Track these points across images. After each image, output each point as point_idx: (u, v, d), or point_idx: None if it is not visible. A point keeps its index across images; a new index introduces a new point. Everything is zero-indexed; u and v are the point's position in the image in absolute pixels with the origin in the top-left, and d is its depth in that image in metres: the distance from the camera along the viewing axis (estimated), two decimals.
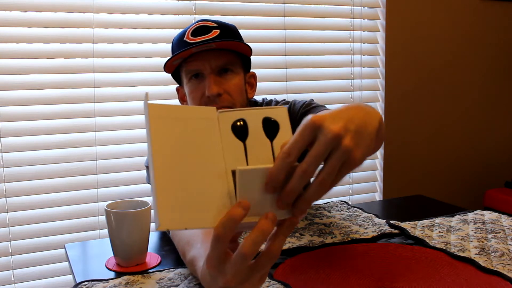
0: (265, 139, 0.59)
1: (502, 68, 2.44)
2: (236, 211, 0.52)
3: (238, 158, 0.58)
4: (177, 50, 1.09)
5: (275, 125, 0.60)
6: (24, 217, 1.61)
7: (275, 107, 0.61)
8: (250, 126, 0.60)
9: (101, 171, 1.70)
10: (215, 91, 1.06)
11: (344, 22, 2.07)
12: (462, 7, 2.29)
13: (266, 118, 0.60)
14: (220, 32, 1.08)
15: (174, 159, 0.54)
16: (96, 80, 1.66)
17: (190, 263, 0.76)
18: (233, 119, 0.59)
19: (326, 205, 1.23)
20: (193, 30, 1.09)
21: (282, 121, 0.60)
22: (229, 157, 0.58)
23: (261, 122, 0.60)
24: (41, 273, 1.65)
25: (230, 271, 0.54)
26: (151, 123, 0.54)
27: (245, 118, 0.60)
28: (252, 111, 0.60)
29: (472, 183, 2.44)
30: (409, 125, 2.25)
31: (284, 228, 0.55)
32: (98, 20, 1.65)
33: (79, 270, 0.89)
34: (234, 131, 0.59)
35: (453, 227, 1.03)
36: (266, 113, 0.60)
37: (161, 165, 0.53)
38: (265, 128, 0.60)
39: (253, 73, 1.23)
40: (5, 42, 1.54)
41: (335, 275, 0.79)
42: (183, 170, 0.55)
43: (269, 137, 0.59)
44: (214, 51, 1.08)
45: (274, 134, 0.60)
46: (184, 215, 0.53)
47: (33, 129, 1.60)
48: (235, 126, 0.59)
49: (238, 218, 0.52)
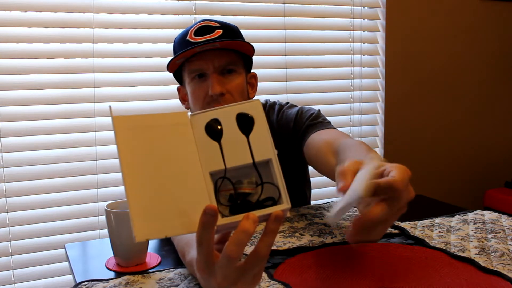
0: (241, 135, 0.59)
1: (502, 68, 2.44)
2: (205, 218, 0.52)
3: (215, 159, 0.58)
4: (180, 50, 1.09)
5: (250, 120, 0.59)
6: (24, 217, 1.61)
7: (248, 101, 0.60)
8: (224, 125, 0.59)
9: (101, 171, 1.69)
10: (218, 91, 1.06)
11: (344, 22, 2.07)
12: (462, 7, 2.29)
13: (240, 114, 0.59)
14: (223, 32, 1.08)
15: (146, 169, 0.54)
16: (96, 80, 1.66)
17: (189, 264, 0.76)
18: (206, 120, 0.59)
19: (326, 205, 1.23)
20: (196, 30, 1.09)
21: (257, 115, 0.59)
22: (205, 159, 0.57)
23: (235, 119, 0.59)
24: (41, 273, 1.65)
25: (219, 273, 0.54)
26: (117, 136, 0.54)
27: (218, 118, 0.59)
28: (224, 109, 0.60)
29: (472, 183, 2.44)
30: (409, 125, 2.25)
31: (270, 224, 0.54)
32: (98, 20, 1.65)
33: (79, 270, 0.89)
34: (207, 132, 0.59)
35: (453, 227, 1.02)
36: (239, 109, 0.60)
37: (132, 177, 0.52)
38: (240, 125, 0.59)
39: (254, 73, 1.23)
40: (5, 42, 1.54)
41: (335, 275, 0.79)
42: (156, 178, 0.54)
43: (245, 133, 0.59)
44: (217, 51, 1.08)
45: (249, 129, 0.59)
46: (162, 223, 0.52)
47: (33, 129, 1.60)
48: (208, 127, 0.59)
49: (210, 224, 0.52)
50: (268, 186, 0.58)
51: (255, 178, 0.59)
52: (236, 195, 0.58)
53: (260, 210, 0.56)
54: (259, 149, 0.58)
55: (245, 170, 0.58)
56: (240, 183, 0.58)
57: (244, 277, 0.55)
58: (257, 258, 0.54)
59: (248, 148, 0.58)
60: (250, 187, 0.58)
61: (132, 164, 0.53)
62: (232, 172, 0.58)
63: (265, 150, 0.58)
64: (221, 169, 0.58)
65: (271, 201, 0.58)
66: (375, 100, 2.18)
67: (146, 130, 0.56)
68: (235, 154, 0.58)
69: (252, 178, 0.59)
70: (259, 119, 0.59)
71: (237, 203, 0.57)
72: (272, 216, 0.54)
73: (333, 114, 2.06)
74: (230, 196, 0.58)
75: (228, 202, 0.58)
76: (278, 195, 0.58)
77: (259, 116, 0.59)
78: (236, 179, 0.58)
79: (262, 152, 0.58)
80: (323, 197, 2.01)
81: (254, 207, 0.57)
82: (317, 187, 1.98)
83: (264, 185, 0.58)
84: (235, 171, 0.58)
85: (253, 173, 0.59)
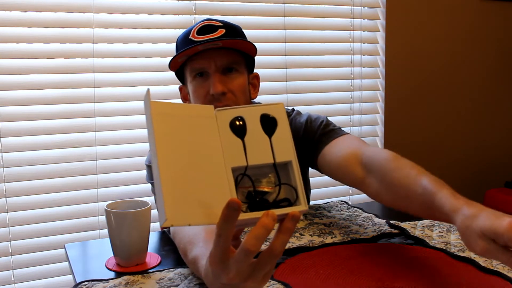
0: (264, 135, 0.60)
1: (502, 67, 2.44)
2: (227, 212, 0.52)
3: (237, 156, 0.59)
4: (182, 48, 1.09)
5: (273, 121, 0.60)
6: (24, 217, 1.61)
7: (272, 104, 0.61)
8: (248, 123, 0.60)
9: (101, 171, 1.69)
10: (220, 90, 1.06)
11: (344, 22, 2.07)
12: (462, 7, 2.29)
13: (264, 114, 0.60)
14: (225, 31, 1.08)
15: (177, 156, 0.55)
16: (96, 80, 1.66)
17: (192, 262, 0.75)
18: (231, 117, 0.60)
19: (326, 205, 1.23)
20: (199, 29, 1.09)
21: (280, 117, 0.61)
22: (228, 154, 0.58)
23: (259, 119, 0.60)
24: (41, 273, 1.65)
25: (233, 267, 0.55)
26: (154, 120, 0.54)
27: (243, 116, 0.60)
28: (249, 108, 0.61)
29: (472, 183, 2.44)
30: (409, 125, 2.25)
31: (287, 223, 0.55)
32: (98, 20, 1.65)
33: (79, 270, 0.89)
34: (232, 129, 0.59)
35: (453, 227, 1.02)
36: (263, 110, 0.61)
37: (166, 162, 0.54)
38: (263, 125, 0.60)
39: (257, 74, 1.23)
40: (5, 42, 1.54)
41: (335, 275, 0.79)
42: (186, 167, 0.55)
43: (268, 133, 0.60)
44: (220, 50, 1.08)
45: (272, 130, 0.60)
46: (187, 211, 0.53)
47: (33, 129, 1.60)
48: (233, 124, 0.60)
49: (232, 217, 0.53)
50: (286, 188, 0.59)
51: (274, 178, 0.60)
52: (254, 192, 0.59)
53: (278, 209, 0.57)
54: (280, 150, 0.60)
55: (265, 169, 0.60)
56: (259, 181, 0.59)
57: (255, 274, 0.56)
58: (270, 255, 0.55)
59: (270, 148, 0.59)
60: (269, 186, 0.59)
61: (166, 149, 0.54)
62: (252, 170, 0.59)
63: (286, 152, 0.60)
64: (243, 165, 0.59)
65: (286, 202, 0.59)
66: (375, 100, 2.18)
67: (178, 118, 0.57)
68: (257, 153, 0.59)
69: (271, 178, 0.60)
70: (282, 121, 0.61)
71: (255, 201, 0.58)
72: (290, 215, 0.55)
73: (333, 114, 2.06)
74: (249, 193, 0.59)
75: (245, 199, 0.59)
76: (295, 197, 0.59)
77: (282, 118, 0.61)
78: (255, 177, 0.59)
79: (283, 154, 0.60)
80: (323, 197, 2.01)
81: (271, 206, 0.58)
82: (317, 187, 1.98)
83: (282, 186, 0.59)
84: (255, 169, 0.59)
85: (272, 173, 0.60)
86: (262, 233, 0.53)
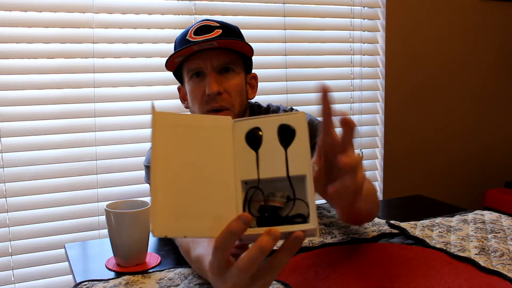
0: (279, 147, 0.57)
1: (502, 67, 2.44)
2: (236, 225, 0.51)
3: (249, 168, 0.57)
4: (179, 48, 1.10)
5: (291, 132, 0.58)
6: (24, 217, 1.61)
7: (293, 113, 0.59)
8: (265, 134, 0.58)
9: (101, 171, 1.70)
10: (216, 90, 1.06)
11: (344, 22, 2.07)
12: (462, 7, 2.29)
13: (282, 125, 0.58)
14: (222, 32, 1.09)
15: (177, 167, 0.54)
16: (96, 80, 1.66)
17: (195, 261, 0.75)
18: (248, 128, 0.58)
19: (326, 205, 1.23)
20: (196, 29, 1.10)
21: (300, 128, 0.58)
22: (239, 167, 0.57)
23: (277, 130, 0.58)
24: (41, 273, 1.65)
25: (230, 280, 0.54)
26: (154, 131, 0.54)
27: (260, 126, 0.58)
28: (268, 118, 0.59)
29: (472, 183, 2.44)
30: (409, 125, 2.25)
31: (288, 243, 0.53)
32: (98, 20, 1.65)
33: (79, 270, 0.89)
34: (247, 140, 0.58)
35: (453, 227, 1.02)
36: (282, 120, 0.58)
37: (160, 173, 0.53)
38: (281, 136, 0.58)
39: (255, 74, 1.23)
40: (5, 42, 1.54)
41: (335, 275, 0.79)
42: (186, 178, 0.54)
43: (284, 144, 0.58)
44: (216, 50, 1.08)
45: (289, 142, 0.58)
46: (183, 223, 0.52)
47: (33, 129, 1.60)
48: (249, 135, 0.58)
49: (238, 231, 0.51)
50: (300, 203, 0.57)
51: (288, 192, 0.57)
52: (266, 207, 0.57)
53: (286, 226, 0.55)
54: (296, 163, 0.57)
55: (279, 183, 0.57)
56: (273, 195, 0.57)
57: (254, 285, 0.55)
58: (269, 270, 0.54)
59: (285, 160, 0.57)
60: (281, 201, 0.57)
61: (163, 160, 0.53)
62: (266, 183, 0.57)
63: (302, 165, 0.57)
64: (254, 178, 0.57)
65: (301, 218, 0.56)
66: (375, 100, 2.18)
67: (185, 129, 0.56)
68: (270, 166, 0.57)
69: (285, 192, 0.57)
70: (301, 132, 0.58)
71: (265, 216, 0.56)
72: (292, 236, 0.53)
73: None
74: (261, 207, 0.57)
75: (257, 212, 0.57)
76: (308, 213, 0.56)
77: (301, 129, 0.58)
78: (269, 191, 0.57)
79: (298, 167, 0.57)
80: None
81: (283, 221, 0.56)
82: None
83: (296, 201, 0.57)
84: (269, 182, 0.57)
85: (287, 186, 0.57)
86: (257, 256, 0.51)
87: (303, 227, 0.54)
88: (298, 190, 0.57)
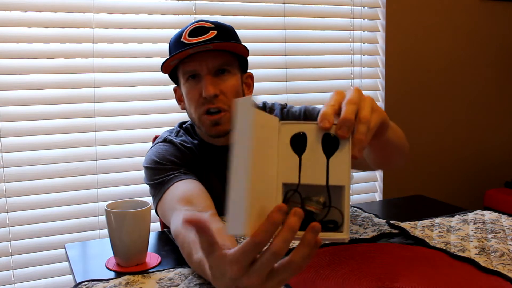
0: (322, 155, 0.58)
1: (502, 68, 2.44)
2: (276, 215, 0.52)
3: (291, 172, 0.58)
4: (174, 51, 1.09)
5: (336, 142, 0.58)
6: (24, 217, 1.61)
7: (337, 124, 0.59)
8: (309, 141, 0.58)
9: (101, 171, 1.70)
10: (212, 92, 1.07)
11: (344, 22, 2.07)
12: (462, 7, 2.29)
13: (327, 134, 0.58)
14: (217, 33, 1.09)
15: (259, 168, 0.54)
16: (96, 80, 1.66)
17: (198, 263, 0.75)
18: (293, 132, 0.59)
19: None
20: (190, 31, 1.09)
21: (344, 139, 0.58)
22: (282, 169, 0.57)
23: (321, 138, 0.58)
24: (41, 273, 1.65)
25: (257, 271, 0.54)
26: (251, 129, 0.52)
27: (305, 132, 0.59)
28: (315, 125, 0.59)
29: (472, 183, 2.44)
30: (409, 125, 2.25)
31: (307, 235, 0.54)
32: (98, 20, 1.65)
33: (79, 270, 0.89)
34: (292, 144, 0.58)
35: (453, 227, 1.02)
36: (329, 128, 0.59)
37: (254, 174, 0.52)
38: (324, 145, 0.58)
39: (250, 73, 1.23)
40: (5, 42, 1.54)
41: (335, 275, 0.79)
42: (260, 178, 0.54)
43: (327, 154, 0.58)
44: (211, 51, 1.08)
45: (332, 151, 0.58)
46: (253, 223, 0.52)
47: (33, 129, 1.60)
48: (294, 139, 0.58)
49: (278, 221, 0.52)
50: (334, 211, 0.58)
51: (324, 199, 0.58)
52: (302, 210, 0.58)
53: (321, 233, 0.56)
54: (336, 173, 0.58)
55: (316, 188, 0.58)
56: (310, 200, 0.58)
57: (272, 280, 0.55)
58: (289, 266, 0.55)
59: (326, 169, 0.58)
60: (317, 207, 0.58)
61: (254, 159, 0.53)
62: (303, 187, 0.58)
63: (342, 176, 0.58)
64: (294, 183, 0.58)
65: (333, 224, 0.57)
66: (375, 100, 2.18)
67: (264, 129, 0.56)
68: (311, 172, 0.58)
69: (321, 199, 0.58)
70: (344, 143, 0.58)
71: None
72: (310, 227, 0.54)
73: None
74: None
75: None
76: (341, 221, 0.57)
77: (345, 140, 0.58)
78: (306, 194, 0.58)
79: (338, 177, 0.58)
80: None
81: None
82: None
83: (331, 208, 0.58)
84: (308, 187, 0.58)
85: (323, 193, 0.58)
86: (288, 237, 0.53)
87: (337, 236, 0.56)
88: (334, 198, 0.58)
